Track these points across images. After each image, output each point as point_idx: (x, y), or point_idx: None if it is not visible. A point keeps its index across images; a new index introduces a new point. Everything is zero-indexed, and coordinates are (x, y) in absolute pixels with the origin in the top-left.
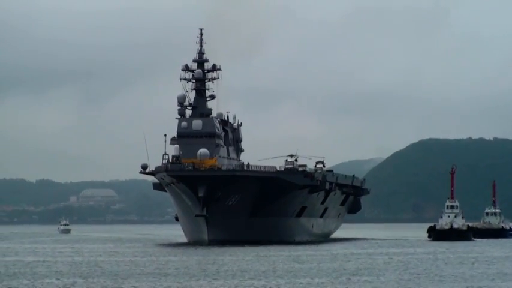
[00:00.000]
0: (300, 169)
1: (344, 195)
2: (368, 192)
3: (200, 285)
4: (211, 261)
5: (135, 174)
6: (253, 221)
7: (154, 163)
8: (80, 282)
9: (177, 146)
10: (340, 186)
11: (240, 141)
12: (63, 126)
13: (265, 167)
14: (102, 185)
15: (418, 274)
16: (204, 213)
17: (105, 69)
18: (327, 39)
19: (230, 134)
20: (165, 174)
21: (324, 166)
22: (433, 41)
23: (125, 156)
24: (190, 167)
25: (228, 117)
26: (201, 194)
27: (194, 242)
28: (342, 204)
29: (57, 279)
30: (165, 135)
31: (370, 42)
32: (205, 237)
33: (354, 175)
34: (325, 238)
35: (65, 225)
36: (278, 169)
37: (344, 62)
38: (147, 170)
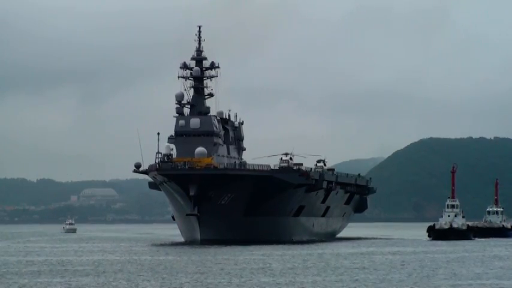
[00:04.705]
0: (295, 168)
1: (348, 194)
2: (374, 191)
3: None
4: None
5: (136, 173)
6: (248, 221)
7: (150, 162)
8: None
9: (168, 144)
10: (343, 185)
11: (242, 139)
12: (63, 126)
13: (259, 165)
14: (102, 184)
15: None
16: (196, 212)
17: (105, 69)
18: (328, 38)
19: (231, 133)
20: (156, 173)
21: (325, 165)
22: (434, 41)
23: (125, 156)
24: (183, 166)
25: (229, 115)
26: (192, 193)
27: (189, 242)
28: (347, 203)
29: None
30: (158, 133)
31: (370, 42)
32: (198, 236)
33: (359, 174)
34: (329, 238)
35: (70, 224)
36: (273, 168)
37: (345, 61)
38: (140, 169)
